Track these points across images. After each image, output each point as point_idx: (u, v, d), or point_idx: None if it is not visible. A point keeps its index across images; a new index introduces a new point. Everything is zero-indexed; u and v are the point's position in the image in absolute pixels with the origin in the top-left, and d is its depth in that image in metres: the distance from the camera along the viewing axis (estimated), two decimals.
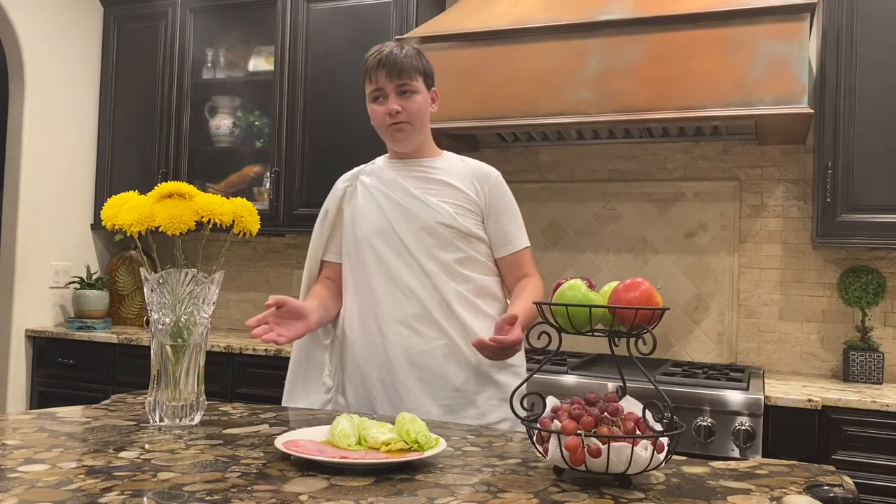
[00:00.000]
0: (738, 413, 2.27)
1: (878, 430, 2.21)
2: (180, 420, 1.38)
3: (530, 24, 2.66)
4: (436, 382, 1.74)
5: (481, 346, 1.60)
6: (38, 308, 3.53)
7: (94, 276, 3.63)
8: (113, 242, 3.87)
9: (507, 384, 1.77)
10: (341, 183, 1.91)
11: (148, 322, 1.41)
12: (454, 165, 1.85)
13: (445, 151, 1.90)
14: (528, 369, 1.85)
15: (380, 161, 1.89)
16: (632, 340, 1.12)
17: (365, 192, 1.84)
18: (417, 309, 1.75)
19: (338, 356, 1.86)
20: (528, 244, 1.86)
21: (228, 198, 1.44)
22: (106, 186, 3.72)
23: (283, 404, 1.86)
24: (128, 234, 1.35)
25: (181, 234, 1.36)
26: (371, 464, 1.10)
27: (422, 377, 1.74)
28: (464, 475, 1.10)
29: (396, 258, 1.76)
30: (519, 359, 1.81)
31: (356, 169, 1.92)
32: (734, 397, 2.28)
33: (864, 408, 2.22)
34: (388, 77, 1.75)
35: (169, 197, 1.37)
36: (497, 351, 1.61)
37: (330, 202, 1.90)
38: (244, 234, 1.45)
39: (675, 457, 1.17)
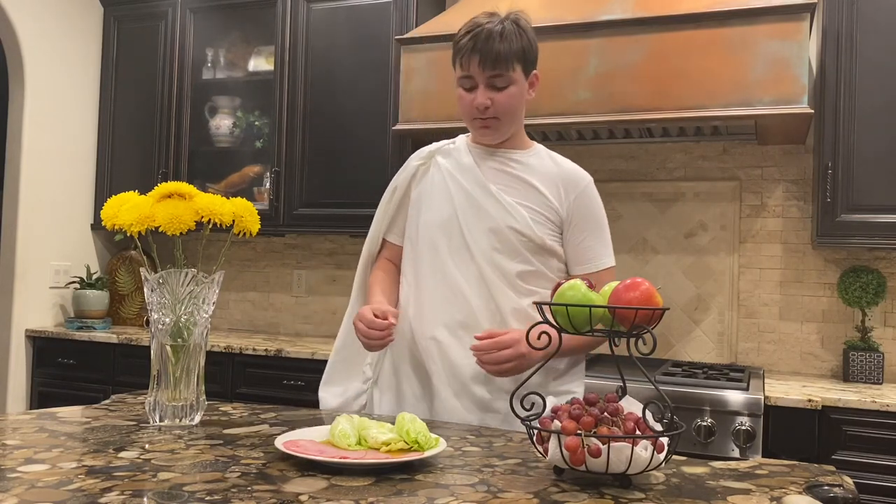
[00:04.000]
0: (738, 413, 2.26)
1: (878, 430, 2.20)
2: (180, 420, 1.38)
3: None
4: (472, 406, 1.55)
5: (477, 350, 1.47)
6: (38, 308, 3.53)
7: (94, 276, 3.63)
8: (113, 242, 3.87)
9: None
10: (414, 160, 1.72)
11: (148, 322, 1.40)
12: (542, 164, 1.64)
13: (537, 145, 1.68)
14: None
15: (461, 141, 1.68)
16: (632, 340, 1.12)
17: (438, 175, 1.65)
18: (465, 316, 1.56)
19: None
20: (612, 264, 1.63)
21: (228, 198, 1.44)
22: (106, 186, 3.72)
23: (322, 386, 1.75)
24: (128, 234, 1.35)
25: (181, 234, 1.36)
26: (371, 464, 1.10)
27: (460, 393, 1.56)
28: (464, 475, 1.10)
29: (453, 257, 1.58)
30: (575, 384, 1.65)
31: (434, 145, 1.71)
32: (734, 397, 2.28)
33: (864, 408, 2.22)
34: (481, 66, 1.53)
35: (169, 197, 1.37)
36: (488, 349, 1.45)
37: (399, 179, 1.73)
38: (244, 234, 1.45)
39: (675, 457, 1.17)
